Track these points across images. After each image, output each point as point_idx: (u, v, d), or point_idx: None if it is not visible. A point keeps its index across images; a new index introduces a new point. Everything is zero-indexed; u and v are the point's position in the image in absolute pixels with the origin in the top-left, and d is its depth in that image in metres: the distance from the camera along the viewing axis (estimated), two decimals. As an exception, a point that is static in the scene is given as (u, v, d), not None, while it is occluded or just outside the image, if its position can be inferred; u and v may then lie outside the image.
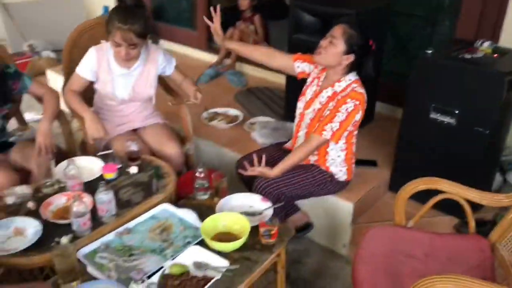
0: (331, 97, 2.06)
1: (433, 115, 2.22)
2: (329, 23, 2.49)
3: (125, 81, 2.29)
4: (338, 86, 2.06)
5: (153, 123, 2.45)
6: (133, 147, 2.12)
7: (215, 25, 2.23)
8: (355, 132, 2.16)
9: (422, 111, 2.25)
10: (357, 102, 1.98)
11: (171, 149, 2.35)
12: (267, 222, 1.69)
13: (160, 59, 2.35)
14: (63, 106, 2.32)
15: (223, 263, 1.56)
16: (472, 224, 1.76)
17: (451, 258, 1.65)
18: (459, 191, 1.73)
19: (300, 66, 2.24)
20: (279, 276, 1.81)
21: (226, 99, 3.42)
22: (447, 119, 2.18)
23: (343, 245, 2.34)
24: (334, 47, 1.98)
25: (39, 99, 2.26)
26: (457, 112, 2.14)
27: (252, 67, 3.87)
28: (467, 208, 1.73)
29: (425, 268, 1.63)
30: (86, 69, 2.25)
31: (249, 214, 1.82)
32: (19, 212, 1.75)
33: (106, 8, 4.51)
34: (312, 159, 2.18)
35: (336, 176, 2.18)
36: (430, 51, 2.19)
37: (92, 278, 1.50)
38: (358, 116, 2.02)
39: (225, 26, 2.33)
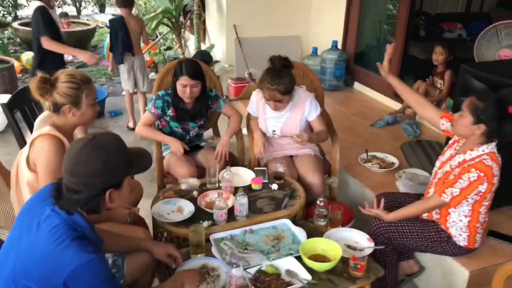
0: (460, 163, 2.14)
1: None
2: (495, 90, 2.54)
3: (275, 123, 2.80)
4: (469, 155, 2.12)
5: (306, 153, 2.88)
6: (280, 169, 2.60)
7: (385, 60, 2.46)
8: (485, 203, 2.17)
9: None
10: (482, 174, 2.02)
11: (313, 178, 2.73)
12: (359, 257, 1.93)
13: (307, 105, 2.76)
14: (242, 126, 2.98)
15: (308, 277, 1.88)
16: None
17: None
18: None
19: (445, 124, 2.35)
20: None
21: (392, 145, 3.61)
22: None
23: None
24: (463, 119, 2.08)
25: (229, 118, 2.96)
26: None
27: (431, 120, 3.93)
28: None
29: None
30: (251, 107, 2.89)
31: (351, 247, 2.08)
32: (185, 196, 2.41)
33: (315, 48, 5.17)
34: (435, 216, 2.28)
35: (454, 239, 2.22)
36: None
37: (212, 256, 2.02)
38: (482, 188, 2.05)
39: (416, 77, 2.51)
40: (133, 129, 4.38)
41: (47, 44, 3.45)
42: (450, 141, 2.35)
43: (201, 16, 6.09)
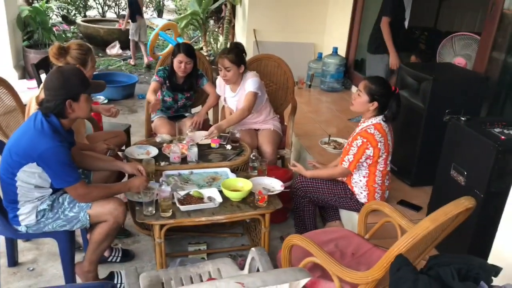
0: (354, 135, 2.68)
1: (452, 173, 2.52)
2: (420, 83, 3.06)
3: (232, 101, 3.44)
4: (360, 127, 2.67)
5: (267, 128, 3.50)
6: (237, 134, 3.24)
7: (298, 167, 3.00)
8: (380, 167, 2.68)
9: (445, 168, 2.57)
10: (365, 140, 2.56)
11: (266, 147, 3.34)
12: (263, 192, 2.53)
13: (247, 82, 3.30)
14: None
15: (220, 200, 2.51)
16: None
17: (354, 254, 2.13)
18: (395, 217, 2.17)
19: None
20: (262, 233, 2.60)
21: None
22: (459, 178, 2.46)
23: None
24: (360, 98, 2.62)
25: (209, 94, 3.66)
26: (465, 173, 2.41)
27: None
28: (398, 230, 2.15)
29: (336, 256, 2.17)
30: (217, 89, 3.56)
31: (265, 189, 2.67)
32: (156, 145, 3.11)
33: (320, 54, 5.75)
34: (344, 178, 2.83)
35: (356, 196, 2.76)
36: (464, 118, 2.51)
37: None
38: (369, 152, 2.58)
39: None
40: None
41: None
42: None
43: (231, 22, 6.88)
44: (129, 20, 7.66)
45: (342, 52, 5.60)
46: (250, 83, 3.31)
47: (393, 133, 2.72)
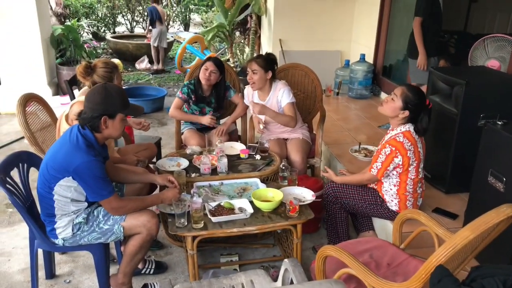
0: (383, 143, 2.63)
1: (490, 179, 2.44)
2: (452, 87, 2.99)
3: None
4: (389, 135, 2.62)
5: (296, 137, 3.48)
6: (266, 144, 3.23)
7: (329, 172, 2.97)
8: (411, 175, 2.62)
9: (482, 174, 2.49)
10: (393, 148, 2.51)
11: (295, 156, 3.32)
12: (295, 202, 2.51)
13: (280, 93, 3.32)
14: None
15: (251, 210, 2.50)
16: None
17: (389, 264, 2.08)
18: (431, 226, 2.11)
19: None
20: (294, 243, 2.57)
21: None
22: (498, 185, 2.37)
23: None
24: (394, 102, 2.57)
25: (236, 105, 3.67)
26: (504, 179, 2.32)
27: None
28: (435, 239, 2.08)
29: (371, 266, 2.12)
30: (245, 98, 3.59)
31: (296, 199, 2.65)
32: (187, 157, 3.14)
33: (347, 61, 5.71)
34: (373, 184, 2.77)
35: (387, 204, 2.70)
36: (500, 122, 2.43)
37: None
38: (398, 160, 2.53)
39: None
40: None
41: None
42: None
43: (257, 32, 6.92)
44: (150, 27, 8.38)
45: (369, 58, 5.54)
46: (286, 94, 3.34)
47: (423, 139, 2.66)
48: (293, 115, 3.34)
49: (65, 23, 7.79)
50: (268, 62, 3.30)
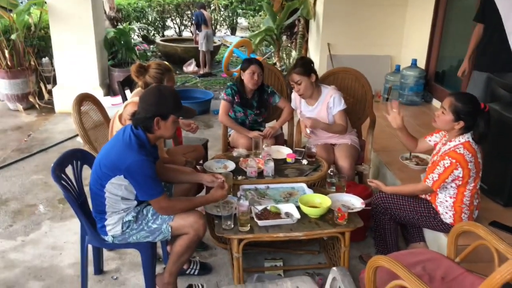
0: (441, 154, 2.51)
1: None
2: None
3: (309, 115, 3.36)
4: (448, 146, 2.50)
5: (344, 142, 3.41)
6: (313, 149, 3.18)
7: (396, 115, 2.86)
8: (469, 187, 2.49)
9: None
10: (454, 160, 2.39)
11: (343, 162, 3.25)
12: (343, 209, 2.44)
13: (331, 100, 3.27)
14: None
15: (298, 216, 2.45)
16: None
17: (444, 278, 1.97)
18: (491, 240, 1.98)
19: (431, 139, 2.76)
20: (342, 252, 2.50)
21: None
22: None
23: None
24: (444, 116, 2.46)
25: (283, 110, 3.64)
26: None
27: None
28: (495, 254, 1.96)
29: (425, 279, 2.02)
30: (292, 103, 3.56)
31: (345, 206, 2.58)
32: (233, 160, 3.14)
33: (398, 66, 5.55)
34: (428, 196, 2.66)
35: (441, 216, 2.58)
36: None
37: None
38: (458, 172, 2.40)
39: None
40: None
41: None
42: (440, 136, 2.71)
43: (304, 36, 6.87)
44: (197, 31, 8.63)
45: (421, 64, 5.36)
46: (337, 101, 3.30)
47: (482, 149, 2.53)
48: (344, 124, 3.29)
49: (118, 27, 8.04)
50: (306, 66, 3.25)
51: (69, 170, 2.43)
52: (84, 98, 3.15)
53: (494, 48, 3.63)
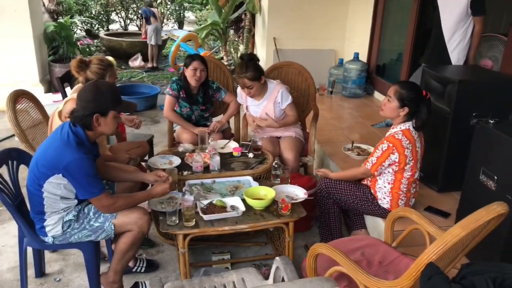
0: (382, 139, 2.63)
1: (481, 178, 2.44)
2: (445, 86, 2.99)
3: (256, 109, 3.44)
4: (389, 132, 2.62)
5: (288, 135, 3.48)
6: (259, 143, 3.22)
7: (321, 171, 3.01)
8: (406, 174, 2.62)
9: (474, 173, 2.49)
10: (390, 145, 2.51)
11: (288, 154, 3.31)
12: (287, 200, 2.50)
13: (279, 95, 3.33)
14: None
15: (243, 208, 2.49)
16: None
17: (381, 262, 2.08)
18: (423, 224, 2.11)
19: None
20: (286, 241, 2.56)
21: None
22: (489, 183, 2.38)
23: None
24: (390, 103, 2.57)
25: (229, 104, 3.66)
26: (496, 178, 2.33)
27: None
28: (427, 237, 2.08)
29: (363, 264, 2.11)
30: (238, 97, 3.59)
31: (289, 197, 2.64)
32: (179, 155, 3.12)
33: (341, 60, 5.71)
34: (368, 182, 2.77)
35: (379, 201, 2.70)
36: (492, 121, 2.43)
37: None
38: (394, 157, 2.53)
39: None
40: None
41: None
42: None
43: (251, 31, 6.91)
44: (147, 25, 8.53)
45: (363, 57, 5.55)
46: (285, 96, 3.37)
47: (423, 139, 2.66)
48: (296, 114, 3.42)
49: (58, 20, 7.73)
50: (257, 70, 3.25)
51: (4, 171, 2.34)
52: (19, 95, 3.02)
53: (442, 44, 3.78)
